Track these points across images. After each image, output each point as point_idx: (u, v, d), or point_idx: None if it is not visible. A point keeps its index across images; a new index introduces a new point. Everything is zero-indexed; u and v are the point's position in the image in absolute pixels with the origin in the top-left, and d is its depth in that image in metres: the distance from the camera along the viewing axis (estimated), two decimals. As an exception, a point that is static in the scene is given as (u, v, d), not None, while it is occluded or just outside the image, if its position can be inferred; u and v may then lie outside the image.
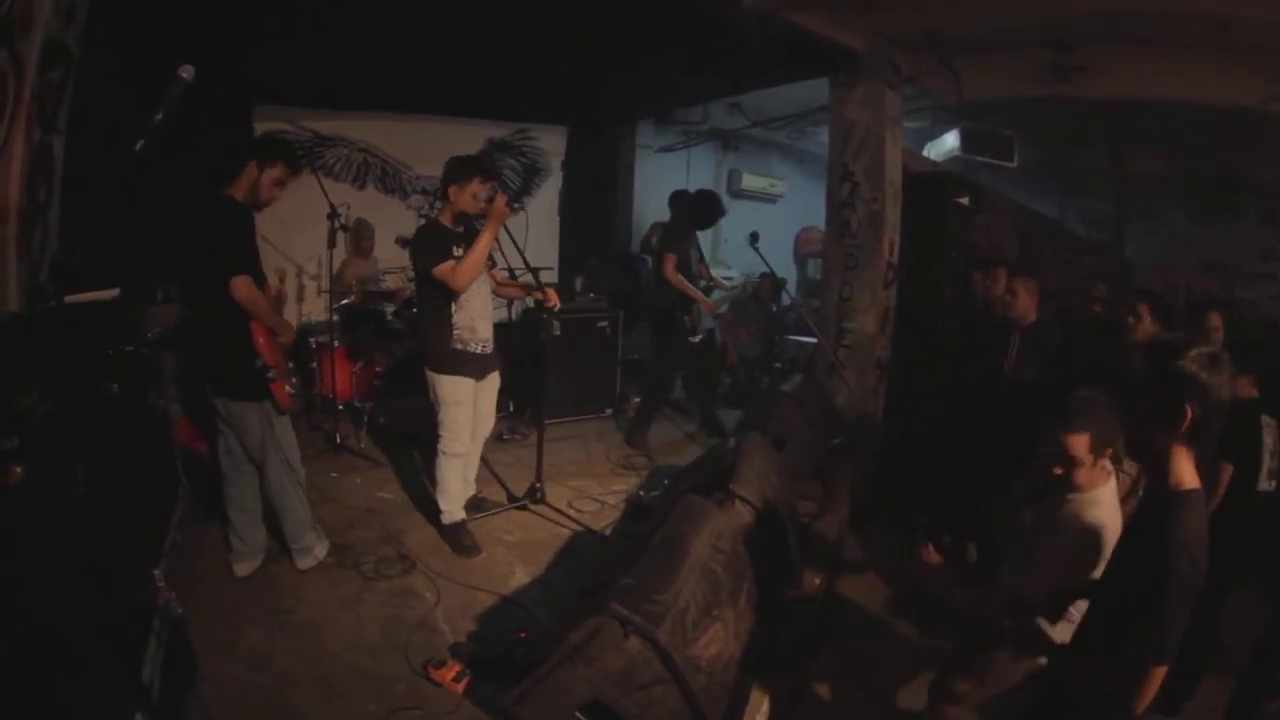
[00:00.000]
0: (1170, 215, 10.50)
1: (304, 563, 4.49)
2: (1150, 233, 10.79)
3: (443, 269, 4.55)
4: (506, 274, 5.22)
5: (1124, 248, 10.79)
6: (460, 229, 4.79)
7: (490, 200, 4.66)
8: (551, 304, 5.09)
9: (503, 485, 6.07)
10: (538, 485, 5.43)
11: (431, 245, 4.67)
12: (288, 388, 4.22)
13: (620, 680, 2.90)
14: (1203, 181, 9.73)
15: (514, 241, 4.99)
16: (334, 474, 5.94)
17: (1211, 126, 7.90)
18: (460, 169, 4.71)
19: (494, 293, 5.12)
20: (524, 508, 5.42)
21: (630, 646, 2.88)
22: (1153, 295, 5.22)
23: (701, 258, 7.30)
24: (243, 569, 4.41)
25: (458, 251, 4.65)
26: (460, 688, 3.56)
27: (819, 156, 10.12)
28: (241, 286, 3.87)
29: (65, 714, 2.36)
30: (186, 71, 2.52)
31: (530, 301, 6.59)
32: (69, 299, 3.27)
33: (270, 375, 4.04)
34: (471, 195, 4.67)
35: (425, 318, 4.93)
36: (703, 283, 7.26)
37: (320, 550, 4.56)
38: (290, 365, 4.37)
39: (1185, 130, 8.45)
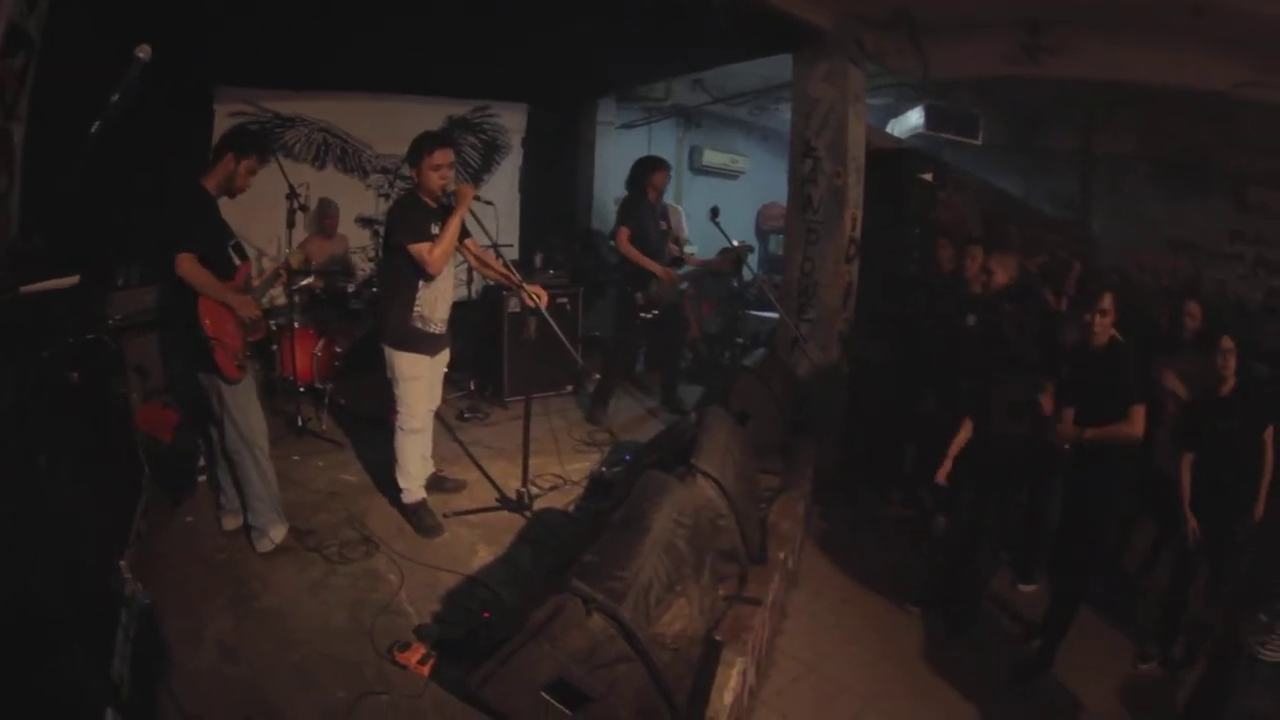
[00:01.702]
0: (1138, 195, 10.58)
1: (261, 546, 4.44)
2: (1117, 212, 10.88)
3: (420, 248, 4.54)
4: (489, 249, 5.11)
5: (1090, 226, 10.87)
6: (436, 206, 4.74)
7: (455, 189, 4.65)
8: (532, 304, 4.91)
9: (475, 463, 6.05)
10: (523, 490, 5.27)
11: (411, 219, 4.65)
12: (235, 360, 4.17)
13: (584, 658, 2.89)
14: (1173, 162, 9.81)
15: (482, 227, 4.90)
16: (296, 457, 5.85)
17: (1183, 109, 7.96)
18: (419, 145, 4.69)
19: (475, 269, 5.04)
20: (518, 511, 5.22)
21: (593, 624, 2.87)
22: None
23: (668, 231, 7.24)
24: (228, 523, 4.65)
25: (435, 230, 4.63)
26: (426, 670, 3.54)
27: (781, 133, 10.13)
28: (183, 263, 3.92)
29: (33, 712, 2.30)
30: (143, 51, 2.51)
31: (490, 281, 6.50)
32: (26, 289, 3.24)
33: (209, 345, 4.04)
34: (433, 167, 4.63)
35: (388, 292, 4.91)
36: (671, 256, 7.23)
37: (275, 534, 4.48)
38: (247, 339, 4.33)
39: (1156, 112, 8.52)
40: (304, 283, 6.47)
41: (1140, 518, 5.46)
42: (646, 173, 6.89)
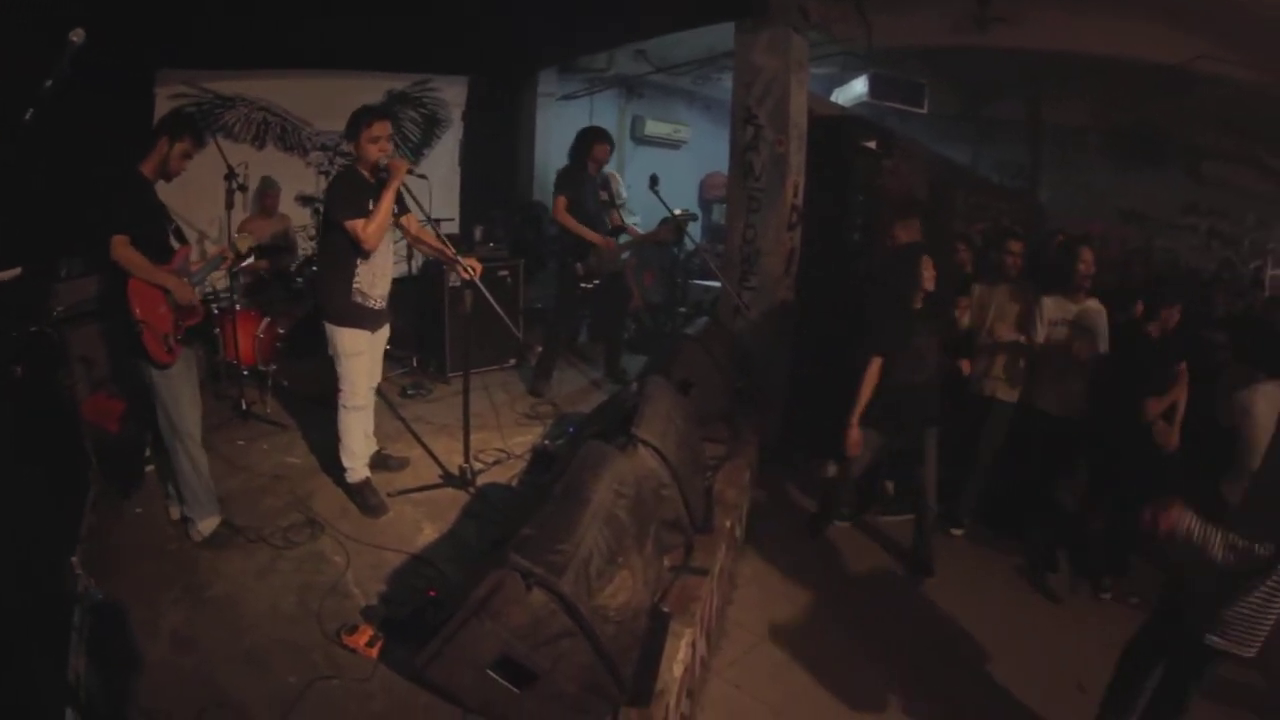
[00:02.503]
0: (1088, 165, 10.71)
1: (194, 534, 4.37)
2: (1066, 181, 11.01)
3: (355, 225, 4.51)
4: (424, 223, 5.06)
5: (1038, 195, 10.99)
6: (374, 181, 4.69)
7: (388, 164, 4.59)
8: (468, 276, 4.83)
9: (418, 440, 6.01)
10: (466, 466, 5.23)
11: (349, 194, 4.61)
12: (164, 345, 4.09)
13: (527, 634, 2.87)
14: (1126, 134, 9.92)
15: (416, 202, 4.89)
16: (241, 441, 5.76)
17: (1136, 81, 8.01)
18: (356, 118, 4.64)
19: (411, 244, 5.05)
20: (462, 488, 5.19)
21: (533, 599, 2.84)
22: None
23: (611, 201, 7.21)
24: (176, 513, 4.53)
25: (372, 206, 4.59)
26: (374, 652, 3.51)
27: (724, 102, 10.08)
28: (116, 245, 3.89)
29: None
30: (77, 35, 2.55)
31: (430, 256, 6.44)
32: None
33: (137, 330, 3.97)
34: (371, 140, 4.58)
35: (327, 268, 4.88)
36: (612, 225, 7.20)
37: (205, 526, 4.38)
38: (179, 323, 4.23)
39: (1109, 83, 8.58)
40: (245, 264, 6.37)
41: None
42: (588, 145, 6.83)
